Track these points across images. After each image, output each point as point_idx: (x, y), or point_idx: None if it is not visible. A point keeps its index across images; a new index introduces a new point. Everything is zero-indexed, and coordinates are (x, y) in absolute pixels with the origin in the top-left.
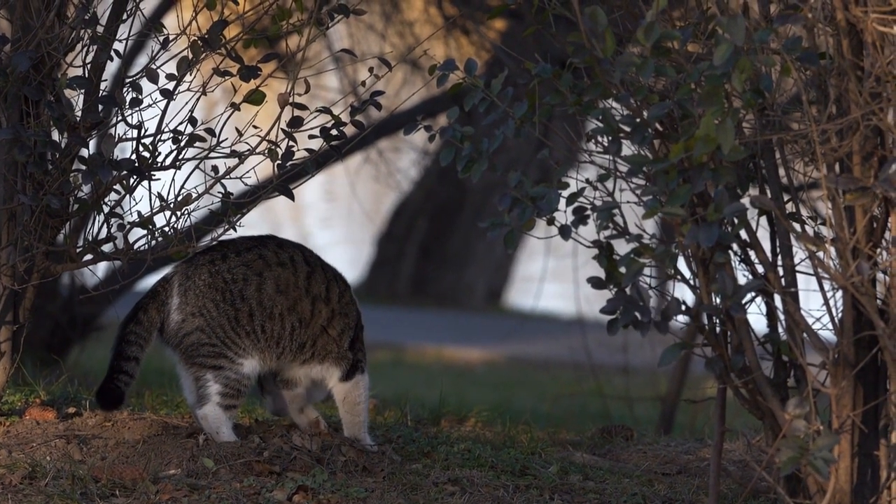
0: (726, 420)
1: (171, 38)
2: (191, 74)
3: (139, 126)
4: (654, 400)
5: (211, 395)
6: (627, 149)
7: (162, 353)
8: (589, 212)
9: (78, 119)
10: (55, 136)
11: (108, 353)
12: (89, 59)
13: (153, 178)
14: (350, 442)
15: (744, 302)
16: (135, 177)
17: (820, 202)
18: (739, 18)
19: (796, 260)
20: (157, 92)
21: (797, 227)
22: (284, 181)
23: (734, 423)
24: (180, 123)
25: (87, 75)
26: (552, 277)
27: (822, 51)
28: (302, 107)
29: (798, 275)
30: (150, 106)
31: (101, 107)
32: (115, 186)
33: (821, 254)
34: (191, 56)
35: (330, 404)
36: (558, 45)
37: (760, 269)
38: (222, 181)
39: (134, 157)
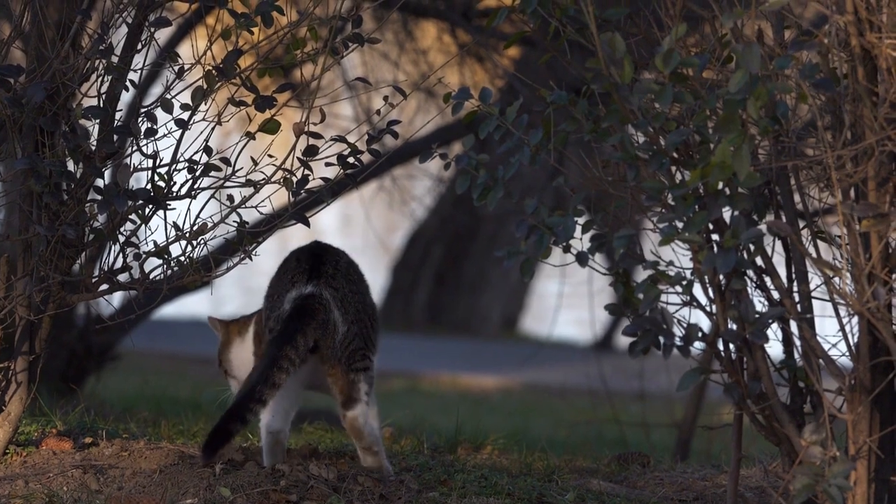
0: (743, 446)
1: (185, 67)
2: (206, 104)
3: (154, 156)
4: (671, 426)
5: (360, 395)
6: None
7: (177, 381)
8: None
9: (93, 149)
10: (70, 166)
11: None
12: (104, 89)
13: (168, 207)
14: (367, 471)
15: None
16: (150, 206)
17: (835, 227)
18: (755, 46)
19: (812, 286)
20: (172, 122)
21: (813, 252)
22: (300, 210)
23: (751, 450)
24: (195, 153)
25: (102, 105)
26: (567, 304)
27: (837, 76)
28: (317, 135)
29: (814, 300)
30: (165, 136)
31: (116, 137)
32: (130, 216)
33: (836, 279)
34: (205, 86)
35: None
36: (573, 71)
37: (776, 294)
38: (238, 210)
39: (149, 186)
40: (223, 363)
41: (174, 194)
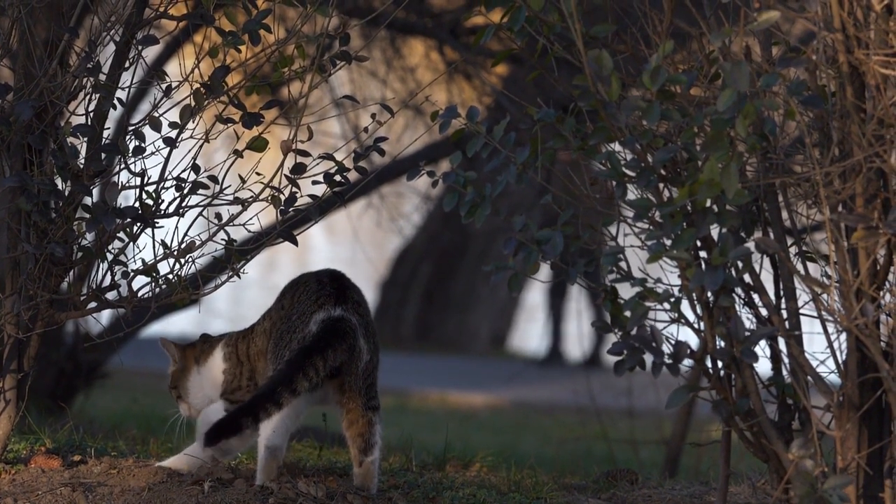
0: (731, 463)
1: (173, 85)
2: (193, 122)
3: (142, 174)
4: (659, 443)
5: (377, 439)
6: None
7: (165, 399)
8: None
9: (81, 167)
10: (59, 184)
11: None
12: (92, 107)
13: (157, 225)
14: (356, 489)
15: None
16: (138, 224)
17: (823, 245)
18: (743, 65)
19: (800, 303)
20: (160, 139)
21: (801, 268)
22: (288, 227)
23: (739, 466)
24: (183, 171)
25: (90, 123)
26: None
27: (825, 93)
28: (305, 153)
29: (802, 317)
30: (153, 153)
31: (104, 155)
32: (118, 234)
33: (825, 296)
34: (193, 103)
35: (335, 449)
36: (561, 89)
37: (764, 312)
38: (226, 228)
39: (137, 204)
40: (178, 388)
41: (162, 212)
